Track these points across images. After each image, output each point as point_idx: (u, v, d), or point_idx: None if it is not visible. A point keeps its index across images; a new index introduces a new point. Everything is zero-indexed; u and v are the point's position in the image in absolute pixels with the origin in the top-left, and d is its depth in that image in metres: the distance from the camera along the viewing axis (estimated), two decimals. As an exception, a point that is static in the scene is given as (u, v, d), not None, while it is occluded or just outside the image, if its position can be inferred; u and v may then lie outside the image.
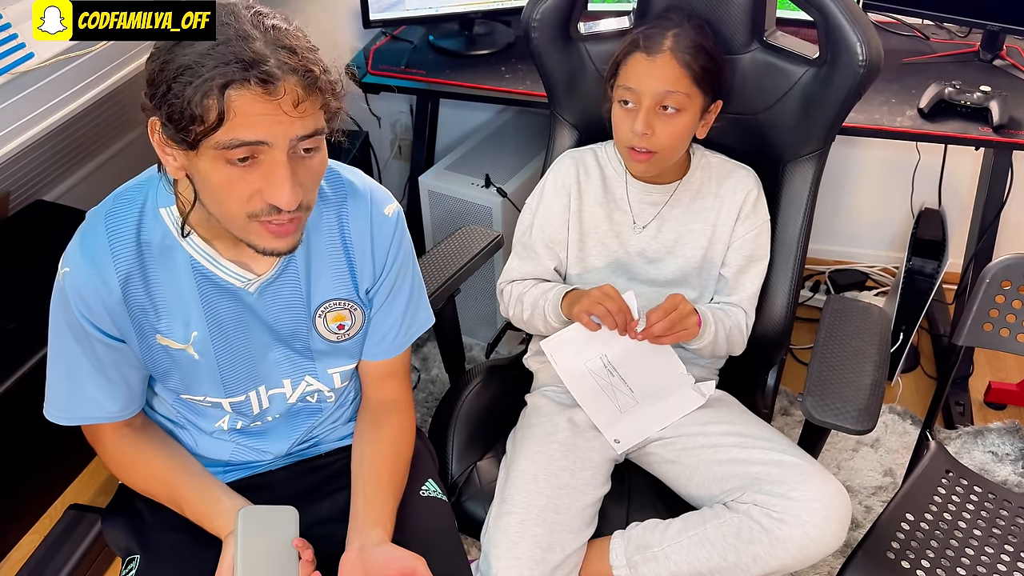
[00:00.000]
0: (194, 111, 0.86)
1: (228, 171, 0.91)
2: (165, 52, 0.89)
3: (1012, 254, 1.34)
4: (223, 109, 0.86)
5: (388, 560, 1.05)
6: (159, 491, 1.14)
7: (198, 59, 0.87)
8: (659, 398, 1.34)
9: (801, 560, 1.17)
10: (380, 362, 1.20)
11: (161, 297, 1.05)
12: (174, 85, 0.87)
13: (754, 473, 1.23)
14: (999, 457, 1.93)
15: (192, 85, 0.86)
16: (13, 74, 1.33)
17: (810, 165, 1.42)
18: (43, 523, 1.82)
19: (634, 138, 1.29)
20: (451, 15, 2.09)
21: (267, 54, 0.88)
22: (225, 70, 0.86)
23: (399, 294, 1.17)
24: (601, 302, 1.27)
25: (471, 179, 2.06)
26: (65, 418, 1.11)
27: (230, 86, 0.86)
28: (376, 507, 1.12)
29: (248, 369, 1.12)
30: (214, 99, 0.86)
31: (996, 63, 1.93)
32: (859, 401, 1.21)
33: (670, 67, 1.27)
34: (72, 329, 1.05)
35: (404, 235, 1.17)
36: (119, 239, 1.02)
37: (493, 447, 1.41)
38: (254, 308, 1.09)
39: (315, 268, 1.10)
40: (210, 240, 1.04)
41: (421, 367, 2.21)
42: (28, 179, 1.95)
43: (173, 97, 0.87)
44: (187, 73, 0.86)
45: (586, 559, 1.24)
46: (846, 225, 2.48)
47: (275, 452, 1.21)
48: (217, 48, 0.87)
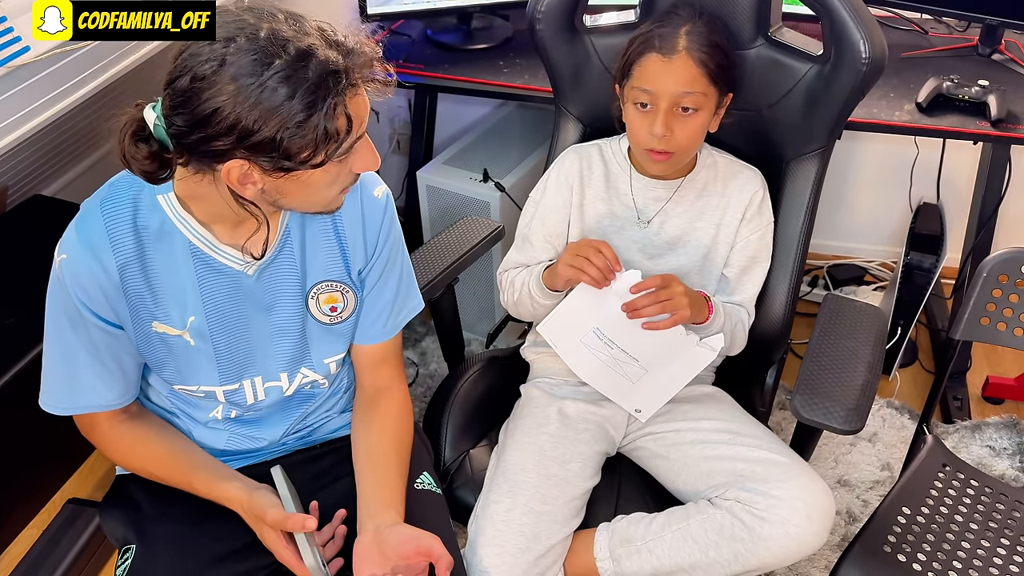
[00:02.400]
0: (327, 134, 0.90)
1: (340, 168, 0.97)
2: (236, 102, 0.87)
3: (1009, 248, 1.34)
4: (350, 118, 0.92)
5: (404, 540, 1.06)
6: (162, 470, 1.15)
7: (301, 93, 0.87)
8: (667, 362, 1.32)
9: (781, 559, 1.18)
10: (373, 347, 1.21)
11: (159, 282, 1.06)
12: (289, 127, 0.87)
13: (739, 470, 1.23)
14: (996, 451, 1.93)
15: (318, 116, 0.88)
16: (10, 67, 1.33)
17: (813, 163, 1.41)
18: (42, 517, 1.83)
19: (653, 140, 1.29)
20: (449, 9, 2.08)
21: (338, 56, 0.90)
22: (335, 87, 0.88)
23: (390, 276, 1.19)
24: (579, 251, 1.28)
25: (469, 174, 2.06)
26: (62, 408, 1.12)
27: (347, 97, 0.90)
28: (387, 489, 1.13)
29: (244, 356, 1.13)
30: (343, 115, 0.91)
31: (995, 57, 1.93)
32: (849, 401, 1.21)
33: (687, 68, 1.26)
34: (69, 317, 1.05)
35: (394, 217, 1.18)
36: (116, 224, 1.02)
37: (487, 436, 1.42)
38: (252, 292, 1.10)
39: (309, 250, 1.12)
40: (208, 224, 1.04)
41: (419, 362, 2.21)
42: (26, 173, 1.95)
43: (295, 138, 0.88)
44: (299, 111, 0.87)
45: (571, 550, 1.24)
46: (844, 220, 2.48)
47: (270, 439, 1.22)
48: (305, 74, 0.87)
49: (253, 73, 0.86)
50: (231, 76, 0.86)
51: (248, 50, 0.86)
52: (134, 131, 0.93)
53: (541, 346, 1.48)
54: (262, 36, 0.87)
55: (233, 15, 0.90)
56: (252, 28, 0.88)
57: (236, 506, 1.11)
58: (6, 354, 1.65)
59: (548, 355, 1.45)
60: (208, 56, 0.87)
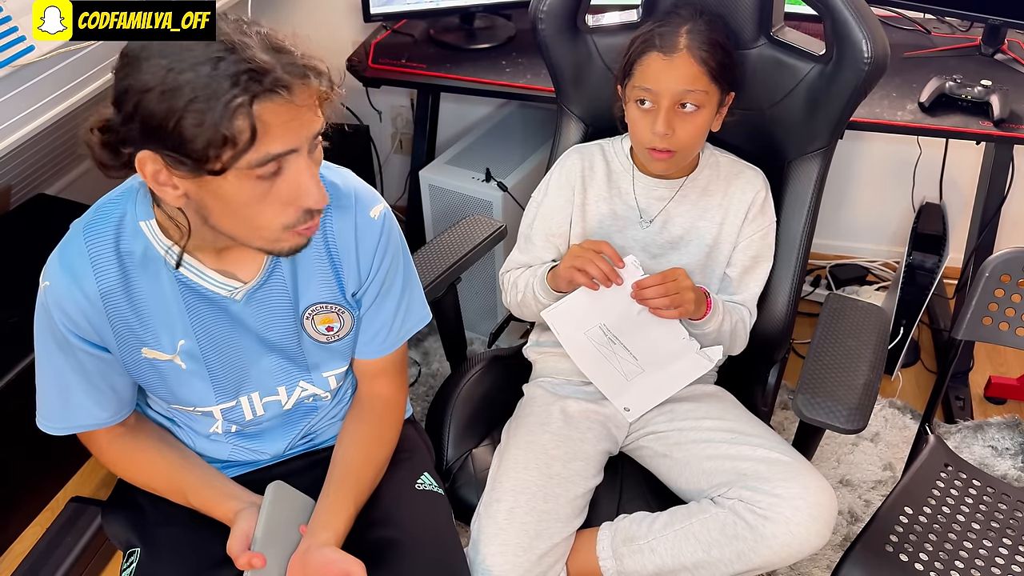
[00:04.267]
0: (224, 135, 0.83)
1: (258, 187, 0.89)
2: (145, 83, 0.84)
3: (1012, 248, 1.34)
4: (255, 125, 0.84)
5: (326, 563, 1.05)
6: (161, 484, 1.15)
7: (206, 81, 0.82)
8: (665, 365, 1.34)
9: (784, 557, 1.18)
10: (372, 360, 1.20)
11: (146, 309, 1.04)
12: (187, 115, 0.83)
13: (742, 469, 1.23)
14: (999, 451, 1.93)
15: (214, 110, 0.82)
16: (14, 67, 1.33)
17: (815, 163, 1.41)
18: (45, 516, 1.83)
19: (655, 139, 1.29)
20: (452, 9, 2.09)
21: (272, 60, 0.85)
22: (247, 86, 0.83)
23: (388, 295, 1.16)
24: (580, 254, 1.28)
25: (472, 173, 2.06)
26: (58, 428, 1.11)
27: (256, 101, 0.83)
28: (332, 510, 1.11)
29: (239, 374, 1.12)
30: (245, 118, 0.83)
31: (997, 57, 1.93)
32: (851, 400, 1.21)
33: (688, 66, 1.26)
34: (57, 341, 1.04)
35: (391, 236, 1.13)
36: (99, 250, 1.01)
37: (489, 435, 1.42)
38: (241, 316, 1.08)
39: (301, 273, 1.09)
40: (192, 251, 1.02)
41: (422, 361, 2.21)
42: (30, 173, 1.96)
43: (190, 127, 0.83)
44: (200, 99, 0.82)
45: (573, 549, 1.24)
46: (847, 219, 2.48)
47: (272, 452, 1.22)
48: (220, 65, 0.83)
49: (171, 55, 0.84)
50: (150, 55, 0.85)
51: (176, 37, 0.86)
52: (100, 124, 0.91)
53: (544, 345, 1.49)
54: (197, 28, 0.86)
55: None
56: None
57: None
58: (8, 352, 1.65)
59: (551, 354, 1.46)
60: (139, 43, 0.86)
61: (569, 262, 1.30)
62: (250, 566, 1.03)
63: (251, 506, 1.09)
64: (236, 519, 1.08)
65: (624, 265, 1.29)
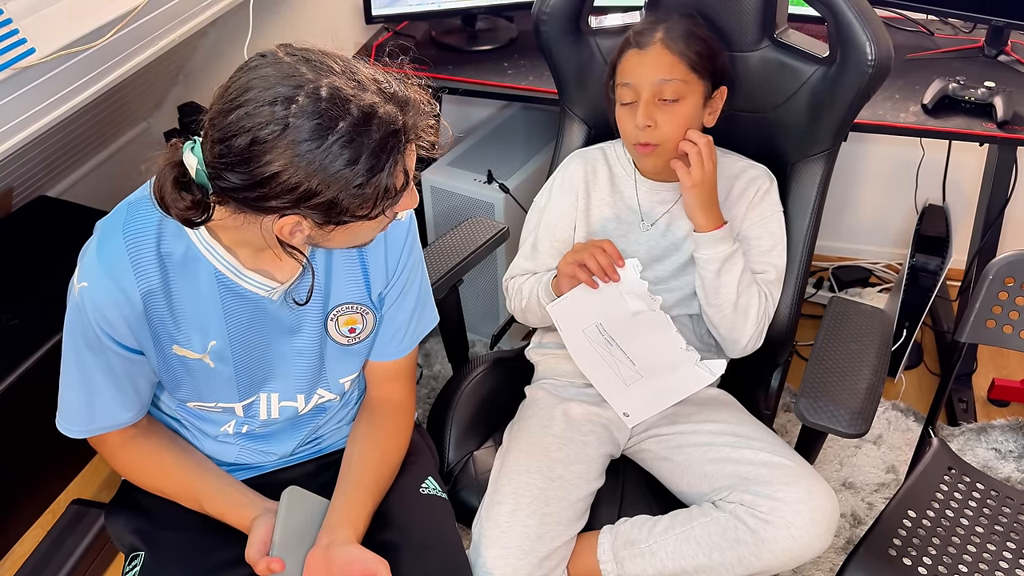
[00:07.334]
0: (387, 188, 0.90)
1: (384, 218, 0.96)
2: (290, 172, 0.85)
3: (1015, 250, 1.34)
4: (407, 170, 0.92)
5: (351, 560, 1.05)
6: (174, 490, 1.15)
7: (367, 163, 0.87)
8: (664, 374, 1.33)
9: (785, 562, 1.17)
10: (387, 363, 1.21)
11: (181, 309, 1.04)
12: (348, 191, 0.87)
13: (743, 473, 1.23)
14: (1002, 454, 1.92)
15: (385, 172, 0.88)
16: (15, 69, 1.33)
17: (819, 165, 1.41)
18: (46, 518, 1.83)
19: (639, 133, 1.29)
20: (453, 10, 2.08)
21: (395, 111, 0.90)
22: (395, 146, 0.89)
23: (408, 294, 1.18)
24: (581, 249, 1.29)
25: (473, 175, 2.06)
26: (81, 432, 1.11)
27: (405, 151, 0.91)
28: (351, 507, 1.11)
29: (264, 373, 1.13)
30: (400, 172, 0.91)
31: (1001, 59, 1.92)
32: (853, 404, 1.20)
33: (662, 56, 1.27)
34: (88, 342, 1.04)
35: (415, 236, 1.18)
36: (139, 252, 1.00)
37: (491, 437, 1.41)
38: (276, 316, 1.09)
39: (333, 273, 1.11)
40: (232, 249, 1.02)
41: (424, 363, 2.21)
42: (31, 175, 1.96)
43: (356, 197, 0.88)
44: (361, 170, 0.87)
45: (574, 552, 1.24)
46: (850, 221, 2.47)
47: (280, 453, 1.22)
48: (364, 130, 0.86)
49: (316, 138, 0.84)
50: (293, 141, 0.84)
51: (311, 113, 0.84)
52: (175, 177, 0.91)
53: (546, 347, 1.48)
54: (323, 96, 0.84)
55: (290, 67, 0.86)
56: (312, 86, 0.85)
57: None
58: (12, 354, 1.65)
59: (553, 356, 1.45)
60: (269, 119, 0.84)
61: (571, 257, 1.30)
62: (269, 571, 1.03)
63: (267, 512, 1.09)
64: (253, 526, 1.08)
65: (624, 265, 1.29)
